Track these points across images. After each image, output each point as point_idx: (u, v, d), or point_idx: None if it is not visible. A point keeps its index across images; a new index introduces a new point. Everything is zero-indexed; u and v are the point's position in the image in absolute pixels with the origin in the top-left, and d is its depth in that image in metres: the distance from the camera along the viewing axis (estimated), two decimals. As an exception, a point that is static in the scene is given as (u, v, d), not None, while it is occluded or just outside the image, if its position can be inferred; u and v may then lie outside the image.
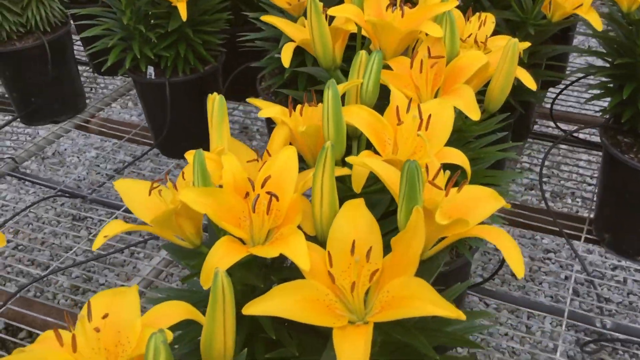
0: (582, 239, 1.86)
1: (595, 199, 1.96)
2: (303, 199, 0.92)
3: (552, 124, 2.23)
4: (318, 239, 0.91)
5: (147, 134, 2.54)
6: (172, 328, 0.74)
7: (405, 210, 0.80)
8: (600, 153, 2.22)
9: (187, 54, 2.15)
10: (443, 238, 0.88)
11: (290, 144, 1.05)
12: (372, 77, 1.04)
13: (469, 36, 1.26)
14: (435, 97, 1.17)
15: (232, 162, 0.91)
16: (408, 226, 0.78)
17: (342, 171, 0.98)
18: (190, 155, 0.95)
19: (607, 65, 1.74)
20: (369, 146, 1.08)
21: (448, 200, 0.87)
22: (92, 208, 2.34)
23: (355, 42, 1.36)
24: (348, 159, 0.91)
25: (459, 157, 0.99)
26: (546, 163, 2.28)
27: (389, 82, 1.07)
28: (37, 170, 2.67)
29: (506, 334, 1.88)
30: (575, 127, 2.22)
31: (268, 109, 1.03)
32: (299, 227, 0.89)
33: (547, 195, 2.25)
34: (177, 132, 2.32)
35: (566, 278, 1.98)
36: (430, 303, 0.75)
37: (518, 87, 1.29)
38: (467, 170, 0.98)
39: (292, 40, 1.32)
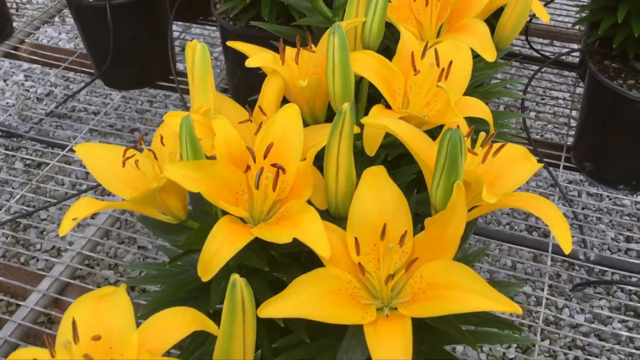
0: (561, 167, 1.80)
1: (572, 124, 1.89)
2: (312, 168, 0.78)
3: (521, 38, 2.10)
4: (331, 214, 0.79)
5: (85, 62, 2.30)
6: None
7: (444, 186, 0.68)
8: (572, 73, 2.15)
9: (129, -28, 1.91)
10: (475, 206, 0.77)
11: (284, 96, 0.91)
12: (377, 16, 0.88)
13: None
14: (439, 34, 1.03)
15: (226, 128, 0.76)
16: (449, 206, 0.67)
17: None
18: (172, 117, 0.80)
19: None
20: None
21: (483, 167, 0.76)
22: (28, 146, 2.13)
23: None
24: (363, 121, 0.78)
25: (480, 109, 0.87)
26: (498, 77, 2.18)
27: (395, 21, 0.93)
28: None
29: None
30: (541, 45, 2.11)
31: (257, 57, 0.87)
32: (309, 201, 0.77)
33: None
34: (120, 60, 2.10)
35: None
36: (479, 295, 0.65)
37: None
38: (490, 124, 0.87)
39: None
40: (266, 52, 0.89)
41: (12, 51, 2.38)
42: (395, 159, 1.05)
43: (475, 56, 0.97)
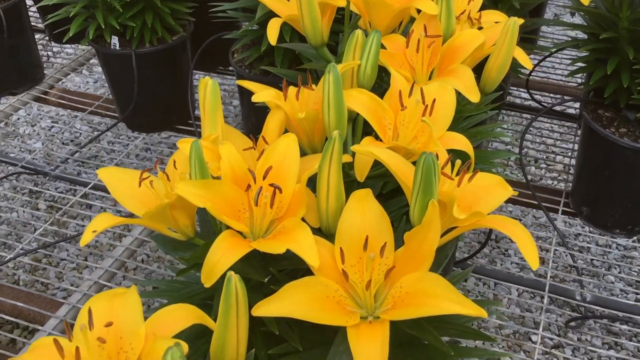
0: (560, 211, 1.87)
1: (571, 171, 1.97)
2: (306, 190, 0.87)
3: (524, 92, 2.21)
4: (322, 232, 0.87)
5: (110, 106, 2.44)
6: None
7: (420, 203, 0.77)
8: (574, 125, 2.24)
9: (154, 24, 2.06)
10: (453, 228, 0.86)
11: (285, 129, 1.00)
12: (370, 59, 0.99)
13: (462, 12, 1.22)
14: (430, 77, 1.13)
15: (231, 152, 0.86)
16: (424, 221, 0.75)
17: (344, 158, 0.94)
18: (183, 143, 0.90)
19: (586, 37, 1.73)
20: (363, 129, 1.04)
21: (459, 191, 0.84)
22: (51, 183, 2.25)
23: (340, 16, 1.31)
24: (353, 148, 0.87)
25: (462, 143, 0.96)
26: (510, 133, 2.29)
27: (387, 64, 1.03)
28: (-5, 145, 2.56)
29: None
30: (552, 99, 2.21)
31: (262, 93, 0.98)
32: (303, 219, 0.85)
33: (511, 163, 2.25)
34: (143, 105, 2.23)
35: (543, 250, 2.00)
36: (448, 300, 0.73)
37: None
38: (471, 156, 0.95)
39: (276, 15, 1.26)
40: (270, 89, 1.00)
41: (42, 95, 2.53)
42: (390, 192, 1.14)
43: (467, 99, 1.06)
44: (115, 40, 2.11)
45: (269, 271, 0.97)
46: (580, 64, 1.70)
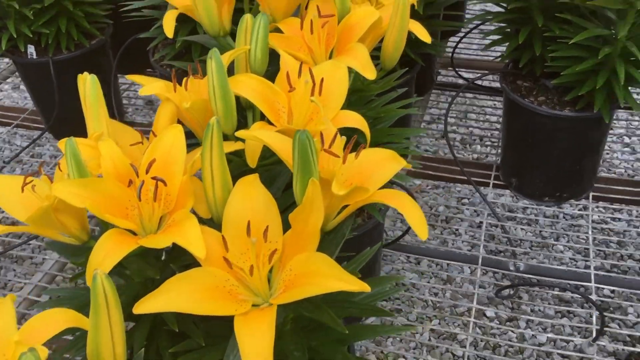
0: (491, 185, 1.88)
1: (500, 144, 1.98)
2: (194, 181, 0.85)
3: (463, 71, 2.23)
4: (214, 221, 0.85)
5: (38, 118, 2.38)
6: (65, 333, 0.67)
7: (301, 183, 0.75)
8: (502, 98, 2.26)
9: (69, 29, 2.01)
10: (346, 206, 0.84)
11: (179, 121, 0.98)
12: (259, 43, 0.97)
13: (360, -9, 1.20)
14: (330, 57, 1.11)
15: (111, 148, 0.83)
16: (304, 201, 0.74)
17: (236, 146, 0.92)
18: (63, 144, 0.86)
19: (503, 10, 1.73)
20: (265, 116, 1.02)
21: (346, 167, 0.83)
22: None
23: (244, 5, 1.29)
24: (238, 134, 0.85)
25: (356, 120, 0.94)
26: (452, 112, 2.31)
27: (278, 46, 1.01)
28: None
29: (428, 282, 1.88)
30: (477, 75, 2.22)
31: (149, 86, 0.95)
32: (193, 211, 0.83)
33: (457, 143, 2.27)
34: (69, 113, 2.17)
35: (479, 225, 2.01)
36: (333, 278, 0.71)
37: (417, 39, 1.24)
38: (366, 133, 0.94)
39: (174, 8, 1.23)
40: (159, 82, 0.97)
41: (-35, 113, 2.45)
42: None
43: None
44: (31, 49, 2.05)
45: (171, 269, 0.94)
46: (494, 37, 1.70)
